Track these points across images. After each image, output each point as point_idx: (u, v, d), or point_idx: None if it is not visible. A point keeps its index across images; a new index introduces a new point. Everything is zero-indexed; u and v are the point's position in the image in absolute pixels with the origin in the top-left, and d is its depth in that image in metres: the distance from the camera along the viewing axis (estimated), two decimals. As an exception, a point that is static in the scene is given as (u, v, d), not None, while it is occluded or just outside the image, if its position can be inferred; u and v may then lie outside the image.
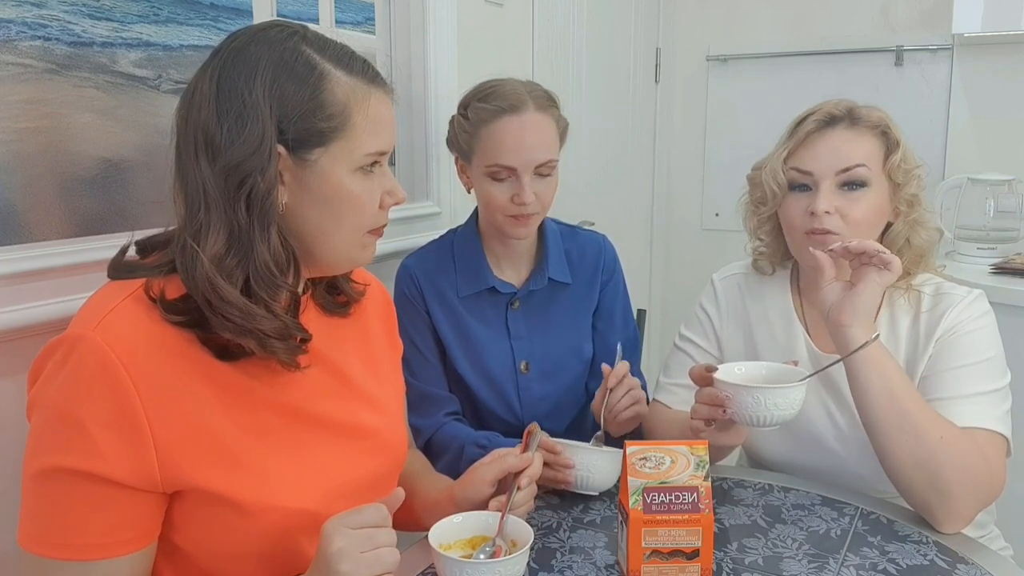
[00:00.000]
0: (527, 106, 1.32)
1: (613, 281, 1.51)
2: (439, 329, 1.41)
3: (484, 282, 1.41)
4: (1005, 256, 2.37)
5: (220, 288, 0.80)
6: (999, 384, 1.14)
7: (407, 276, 1.43)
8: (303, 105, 0.84)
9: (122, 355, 0.78)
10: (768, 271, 1.34)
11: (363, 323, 1.06)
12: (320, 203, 0.87)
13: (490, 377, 1.42)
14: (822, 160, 1.19)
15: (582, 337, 1.48)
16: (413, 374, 1.39)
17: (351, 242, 0.92)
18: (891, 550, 1.03)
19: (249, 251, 0.82)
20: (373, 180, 0.90)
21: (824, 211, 1.16)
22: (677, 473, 0.93)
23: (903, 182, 1.20)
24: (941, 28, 2.61)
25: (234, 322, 0.81)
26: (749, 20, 2.97)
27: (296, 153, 0.85)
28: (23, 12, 1.03)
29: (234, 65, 0.83)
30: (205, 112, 0.83)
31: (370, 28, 1.74)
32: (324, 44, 0.88)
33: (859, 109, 1.22)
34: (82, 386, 0.78)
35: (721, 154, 3.04)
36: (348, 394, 0.97)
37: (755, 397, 1.03)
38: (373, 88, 0.89)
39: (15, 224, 1.04)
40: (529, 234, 1.39)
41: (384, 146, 0.90)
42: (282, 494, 0.86)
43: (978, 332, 1.17)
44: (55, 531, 0.80)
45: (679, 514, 0.91)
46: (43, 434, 0.80)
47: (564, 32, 2.36)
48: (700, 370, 1.12)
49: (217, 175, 0.82)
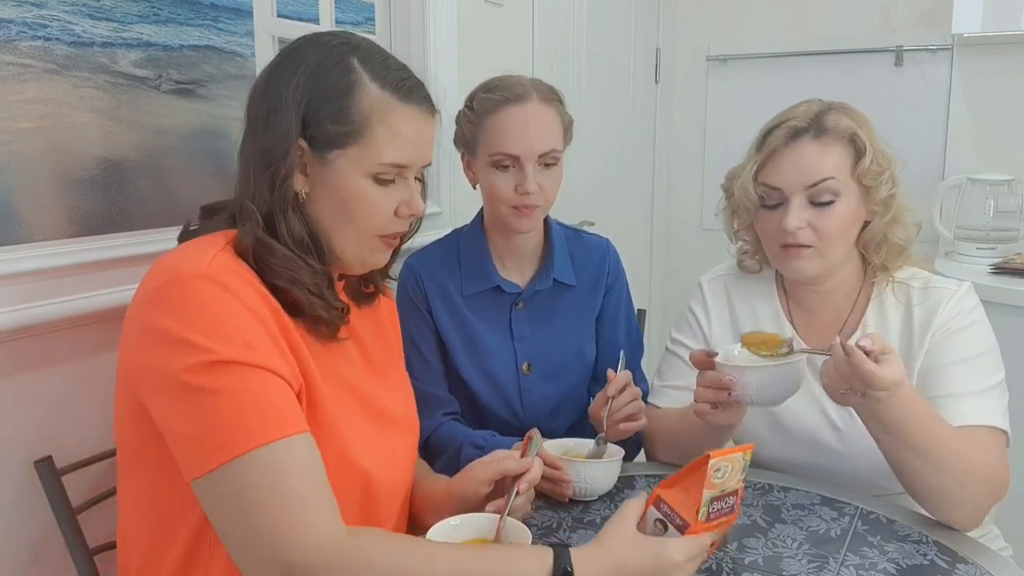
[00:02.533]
0: (531, 96, 1.33)
1: (617, 285, 1.51)
2: (441, 329, 1.41)
3: (489, 281, 1.41)
4: (1005, 256, 2.37)
5: (266, 241, 0.89)
6: (996, 378, 1.15)
7: (411, 275, 1.42)
8: (328, 107, 0.90)
9: (238, 285, 0.84)
10: (755, 268, 1.34)
11: (380, 321, 1.12)
12: (335, 200, 0.93)
13: (492, 377, 1.42)
14: (789, 176, 1.18)
15: (585, 340, 1.48)
16: (413, 373, 1.38)
17: (361, 243, 0.96)
18: (891, 550, 1.03)
19: (274, 225, 0.91)
20: (391, 189, 0.95)
21: (796, 227, 1.17)
22: (732, 480, 0.93)
23: (873, 185, 1.19)
24: (941, 28, 2.61)
25: (282, 271, 0.89)
26: (749, 20, 2.97)
27: (316, 150, 0.91)
28: (23, 12, 1.03)
29: (286, 61, 0.93)
30: (257, 98, 0.93)
31: (370, 28, 1.74)
32: (371, 57, 0.94)
33: (826, 117, 1.20)
34: (213, 308, 0.81)
35: (721, 154, 3.01)
36: (375, 375, 1.04)
37: (758, 376, 1.05)
38: (404, 104, 0.93)
39: (15, 224, 1.04)
40: (532, 227, 1.38)
41: (403, 159, 0.94)
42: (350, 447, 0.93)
43: (972, 327, 1.17)
44: (246, 421, 0.80)
45: (723, 516, 0.92)
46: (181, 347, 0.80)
47: (564, 32, 2.36)
48: (700, 355, 1.13)
49: (256, 153, 0.91)
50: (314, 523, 0.80)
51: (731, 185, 1.26)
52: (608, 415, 1.22)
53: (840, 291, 1.26)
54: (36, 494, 1.04)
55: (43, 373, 1.08)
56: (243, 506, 0.79)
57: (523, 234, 1.39)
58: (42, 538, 1.09)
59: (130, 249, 1.13)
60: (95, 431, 1.11)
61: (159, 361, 0.81)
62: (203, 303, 0.81)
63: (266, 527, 0.79)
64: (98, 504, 1.09)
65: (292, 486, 0.80)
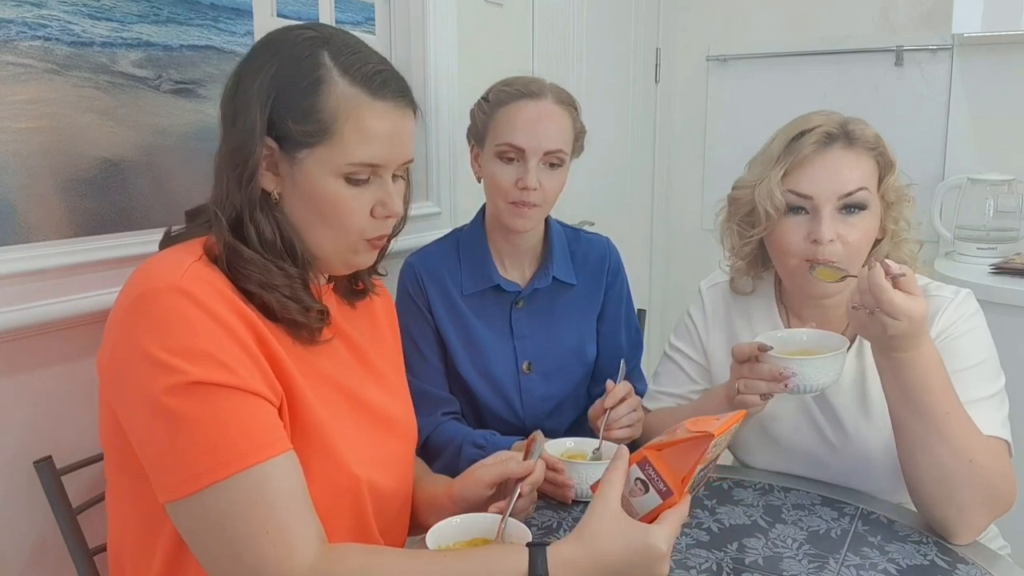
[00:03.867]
0: (546, 95, 1.34)
1: (617, 284, 1.51)
2: (441, 328, 1.41)
3: (489, 280, 1.41)
4: (1005, 256, 2.37)
5: (235, 245, 0.86)
6: (996, 387, 1.13)
7: (411, 274, 1.42)
8: (293, 105, 0.87)
9: (211, 300, 0.81)
10: (748, 289, 1.32)
11: (376, 321, 1.10)
12: (306, 201, 0.90)
13: (492, 377, 1.42)
14: (823, 184, 1.14)
15: (585, 339, 1.48)
16: (412, 372, 1.39)
17: (339, 244, 0.93)
18: (891, 550, 1.03)
19: (244, 228, 0.88)
20: (365, 189, 0.91)
21: (828, 239, 1.12)
22: (722, 447, 0.90)
23: (895, 201, 1.18)
24: (941, 28, 2.61)
25: (254, 276, 0.86)
26: (749, 20, 2.97)
27: (285, 149, 0.88)
28: (23, 12, 1.03)
29: (255, 56, 0.90)
30: (227, 95, 0.90)
31: (370, 28, 1.73)
32: (342, 50, 0.89)
33: (852, 126, 1.17)
34: (188, 323, 0.79)
35: (721, 154, 3.03)
36: (369, 376, 1.01)
37: (817, 367, 1.06)
38: (376, 100, 0.89)
39: (15, 224, 1.04)
40: (529, 227, 1.38)
41: (376, 158, 0.90)
42: (340, 453, 0.90)
43: (971, 334, 1.15)
44: (222, 447, 0.78)
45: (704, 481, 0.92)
46: (157, 368, 0.78)
47: (564, 32, 2.36)
48: (744, 348, 1.10)
49: (225, 153, 0.88)
50: (290, 553, 0.79)
51: (744, 194, 1.21)
52: (604, 427, 1.22)
53: (842, 304, 1.24)
54: (36, 494, 1.03)
55: (43, 373, 1.08)
56: (218, 533, 0.78)
57: (521, 233, 1.39)
58: (42, 538, 1.09)
59: (130, 249, 1.13)
60: (95, 431, 1.10)
61: (134, 380, 0.79)
62: (178, 320, 0.79)
63: (242, 555, 0.78)
64: (98, 504, 1.09)
65: (269, 512, 0.78)
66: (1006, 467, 1.07)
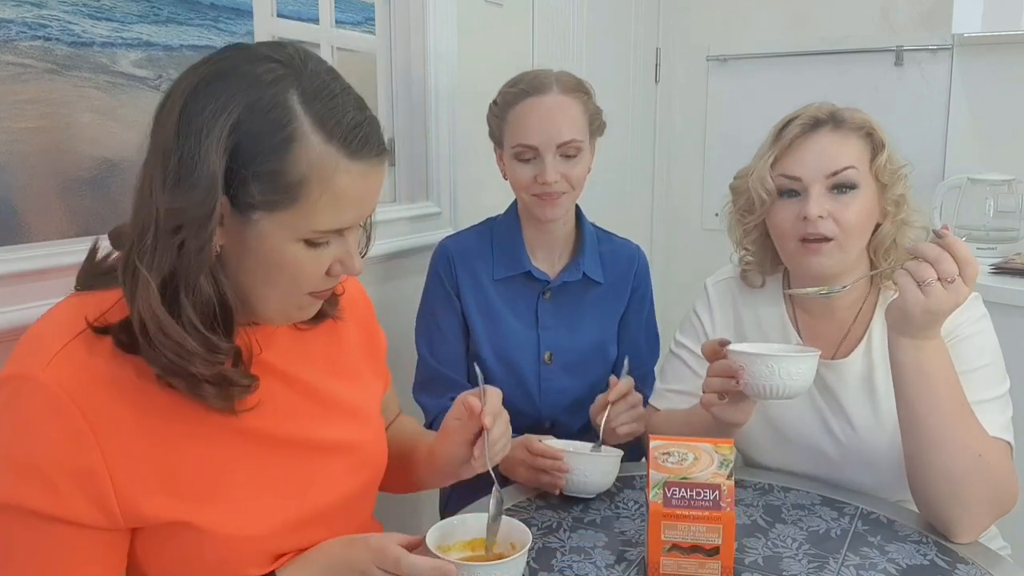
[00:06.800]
0: (551, 88, 1.36)
1: (642, 289, 1.54)
2: (467, 311, 1.43)
3: (520, 266, 1.44)
4: (1005, 256, 2.37)
5: (161, 319, 0.74)
6: (1001, 390, 1.13)
7: (443, 255, 1.46)
8: (258, 166, 0.75)
9: (75, 395, 0.73)
10: (758, 283, 1.32)
11: (337, 332, 1.00)
12: (253, 259, 0.79)
13: (513, 364, 1.44)
14: (810, 164, 1.16)
15: (608, 337, 1.50)
16: (431, 351, 1.42)
17: (285, 303, 0.85)
18: (891, 550, 1.03)
19: (176, 296, 0.76)
20: (324, 250, 0.81)
21: (817, 215, 1.14)
22: (700, 470, 0.92)
23: (890, 183, 1.18)
24: (941, 28, 2.60)
25: (167, 357, 0.75)
26: (749, 20, 2.96)
27: (237, 208, 0.77)
28: (23, 12, 1.03)
29: (209, 89, 0.75)
30: (168, 129, 0.75)
31: (370, 28, 1.74)
32: (317, 94, 0.77)
33: (842, 111, 1.20)
34: (34, 427, 0.73)
35: (721, 154, 3.03)
36: (323, 411, 0.93)
37: (769, 366, 1.03)
38: (352, 161, 0.78)
39: (15, 224, 1.04)
40: (557, 215, 1.40)
41: (343, 223, 0.80)
42: (246, 523, 0.83)
43: (978, 336, 1.15)
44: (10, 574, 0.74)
45: (699, 510, 0.91)
46: None
47: (564, 32, 2.36)
48: (713, 345, 1.12)
49: (162, 207, 0.75)
50: None
51: (741, 183, 1.24)
52: (605, 422, 1.22)
53: (848, 297, 1.24)
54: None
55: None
56: None
57: (550, 223, 1.41)
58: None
59: (130, 249, 1.13)
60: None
61: None
62: (22, 422, 0.73)
63: None
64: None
65: None
66: (1009, 468, 1.08)
